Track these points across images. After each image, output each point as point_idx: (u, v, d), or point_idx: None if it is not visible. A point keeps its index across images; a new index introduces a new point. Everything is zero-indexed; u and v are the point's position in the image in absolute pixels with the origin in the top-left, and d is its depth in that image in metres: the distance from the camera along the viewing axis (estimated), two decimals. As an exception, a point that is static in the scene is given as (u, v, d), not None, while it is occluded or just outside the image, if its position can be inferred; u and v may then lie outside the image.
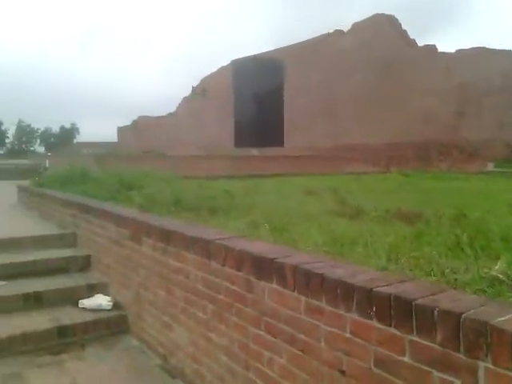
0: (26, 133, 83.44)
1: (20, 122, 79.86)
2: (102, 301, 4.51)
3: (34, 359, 3.77)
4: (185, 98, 52.94)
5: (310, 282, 2.19)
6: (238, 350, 2.72)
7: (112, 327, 4.26)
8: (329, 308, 2.10)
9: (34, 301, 4.44)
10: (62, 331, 4.04)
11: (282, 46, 39.18)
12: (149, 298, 3.86)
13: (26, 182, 13.21)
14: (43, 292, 4.51)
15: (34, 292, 4.46)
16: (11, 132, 78.77)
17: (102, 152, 16.45)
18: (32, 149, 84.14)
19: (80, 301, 4.52)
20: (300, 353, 2.26)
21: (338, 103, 32.50)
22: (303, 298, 2.23)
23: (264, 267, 2.47)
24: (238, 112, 42.33)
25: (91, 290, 4.71)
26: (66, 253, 5.32)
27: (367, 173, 16.58)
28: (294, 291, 2.28)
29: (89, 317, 4.26)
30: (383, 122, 27.05)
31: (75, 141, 77.00)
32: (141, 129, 55.93)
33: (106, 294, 4.69)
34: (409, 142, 24.14)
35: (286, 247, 2.79)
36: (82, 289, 4.69)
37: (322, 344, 2.14)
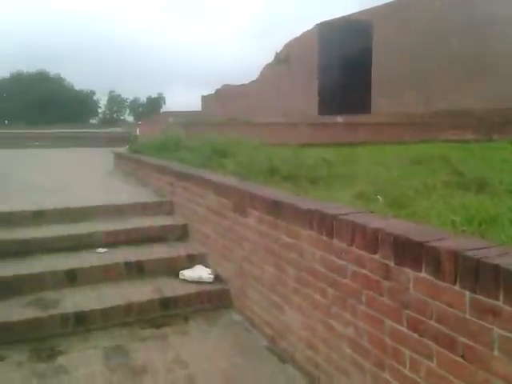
0: (116, 103, 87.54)
1: (111, 92, 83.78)
2: (202, 272, 4.34)
3: (136, 331, 3.67)
4: (267, 65, 52.38)
5: (479, 275, 1.74)
6: (368, 343, 2.34)
7: (214, 301, 4.07)
8: (508, 309, 1.64)
9: (136, 270, 4.37)
10: (165, 303, 3.92)
11: (370, 6, 37.04)
12: (254, 273, 3.60)
13: (121, 149, 13.69)
14: (145, 261, 4.42)
15: (136, 261, 4.39)
16: (103, 102, 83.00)
17: (188, 120, 16.57)
18: (122, 118, 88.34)
19: (181, 272, 4.38)
20: (460, 359, 1.83)
21: (431, 66, 30.20)
22: (467, 294, 1.78)
23: (409, 251, 2.05)
24: (323, 78, 40.99)
25: (191, 260, 4.56)
26: (165, 221, 5.23)
27: (468, 141, 15.23)
28: (454, 284, 1.84)
29: (191, 289, 4.10)
30: (484, 87, 24.72)
31: (161, 110, 79.58)
32: (224, 97, 56.31)
33: (205, 265, 4.52)
34: (513, 108, 21.89)
35: (431, 227, 2.32)
36: (182, 259, 4.55)
37: (496, 353, 1.69)
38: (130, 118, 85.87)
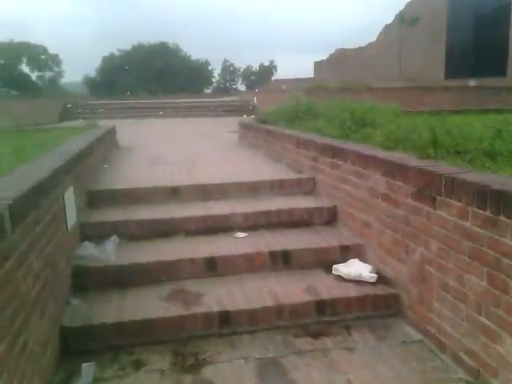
0: (229, 72, 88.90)
1: (225, 61, 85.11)
2: (361, 269, 3.58)
3: (290, 340, 3.04)
4: (386, 26, 48.82)
5: None
6: None
7: (380, 307, 3.30)
8: None
9: (283, 261, 3.74)
10: (321, 306, 3.23)
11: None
12: (445, 282, 2.74)
13: (245, 119, 13.31)
14: (292, 251, 3.77)
15: (282, 251, 3.75)
16: (217, 72, 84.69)
17: (307, 86, 15.64)
18: (234, 87, 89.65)
19: (334, 266, 3.66)
20: None
21: None
22: None
23: None
24: (451, 37, 37.18)
25: (344, 252, 3.82)
26: (309, 202, 4.52)
27: None
28: None
29: (350, 290, 3.37)
30: None
31: (272, 78, 79.11)
32: (337, 62, 53.99)
33: (362, 260, 3.75)
34: None
35: None
36: (334, 250, 3.82)
37: None
38: (243, 87, 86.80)
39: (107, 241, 3.86)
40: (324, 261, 3.79)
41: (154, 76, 64.98)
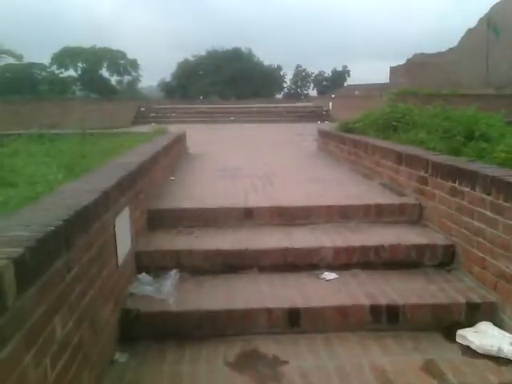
0: (301, 77, 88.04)
1: (297, 66, 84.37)
2: (500, 341, 2.59)
3: None
4: (469, 31, 45.71)
5: None
6: None
7: (536, 406, 2.31)
8: None
9: (387, 319, 2.83)
10: (450, 398, 2.30)
11: None
12: None
13: (324, 126, 12.40)
14: (400, 306, 2.85)
15: (388, 305, 2.85)
16: (288, 77, 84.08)
17: (392, 91, 14.43)
18: (306, 92, 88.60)
19: (460, 332, 2.71)
20: None
21: None
22: None
23: None
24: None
25: (472, 312, 2.84)
26: (417, 236, 3.56)
27: None
28: None
29: (488, 373, 2.39)
30: None
31: (345, 83, 77.26)
32: (415, 67, 51.38)
33: (497, 324, 2.76)
34: None
35: None
36: (457, 308, 2.86)
37: None
38: (314, 93, 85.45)
39: (166, 275, 3.16)
40: (442, 321, 2.84)
41: (227, 81, 65.59)
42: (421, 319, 2.84)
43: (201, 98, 58.12)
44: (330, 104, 20.37)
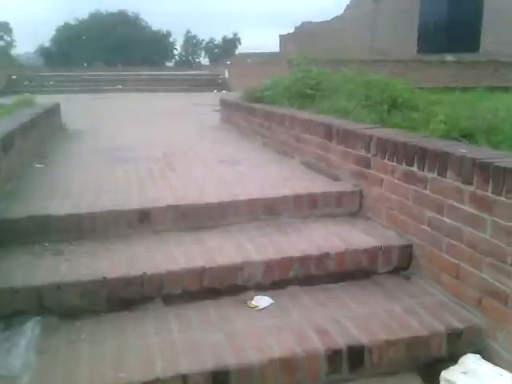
0: (192, 44, 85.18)
1: (187, 33, 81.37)
2: (496, 382, 1.93)
3: None
4: (353, 1, 46.94)
5: None
6: None
7: None
8: None
9: (349, 365, 2.04)
10: None
11: None
12: None
13: (225, 95, 11.34)
14: (366, 347, 2.06)
15: (349, 346, 2.04)
16: (179, 43, 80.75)
17: (291, 57, 13.80)
18: (197, 60, 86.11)
19: (445, 375, 2.00)
20: None
21: None
22: None
23: None
24: (425, 10, 35.86)
25: (454, 341, 2.16)
26: (364, 235, 2.80)
27: None
28: None
29: None
30: None
31: (236, 51, 76.31)
32: (303, 35, 51.92)
33: (487, 357, 2.11)
34: None
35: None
36: (436, 339, 2.15)
37: None
38: (206, 61, 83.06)
39: (20, 330, 2.06)
40: (419, 358, 2.13)
41: (113, 47, 61.16)
42: (392, 359, 2.09)
43: (85, 65, 53.45)
44: (227, 72, 19.29)
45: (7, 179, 3.12)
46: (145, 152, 4.79)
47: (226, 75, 19.18)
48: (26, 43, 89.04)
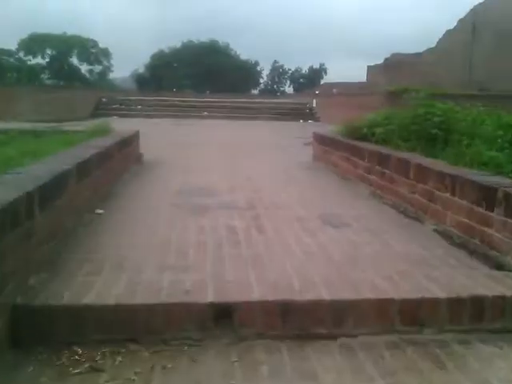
0: (278, 73, 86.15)
1: (275, 62, 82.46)
2: None
3: None
4: (448, 32, 44.47)
5: None
6: None
7: None
8: None
9: None
10: None
11: None
12: None
13: (316, 127, 10.45)
14: None
15: None
16: (265, 72, 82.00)
17: (386, 88, 12.62)
18: (282, 89, 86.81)
19: None
20: None
21: None
22: None
23: None
24: (529, 42, 32.92)
25: None
26: None
27: None
28: None
29: None
30: None
31: (322, 81, 75.85)
32: (393, 67, 50.11)
33: None
34: None
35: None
36: None
37: None
38: (290, 90, 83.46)
39: None
40: None
41: (202, 74, 63.24)
42: None
43: (174, 90, 55.52)
44: (314, 101, 18.47)
45: (47, 239, 2.34)
46: (227, 196, 3.94)
47: (314, 104, 18.35)
48: (123, 69, 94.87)
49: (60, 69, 57.76)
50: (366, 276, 2.22)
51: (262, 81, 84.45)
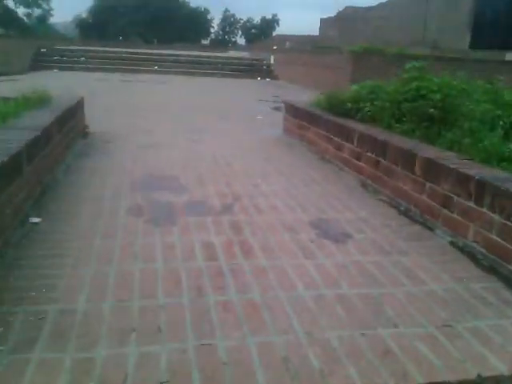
0: (229, 23, 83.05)
1: (226, 11, 79.27)
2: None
3: None
4: (402, -14, 43.78)
5: None
6: None
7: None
8: None
9: None
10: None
11: None
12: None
13: (286, 90, 9.68)
14: None
15: None
16: (216, 22, 78.65)
17: (353, 47, 11.88)
18: (233, 39, 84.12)
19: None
20: None
21: None
22: None
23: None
24: (479, 3, 32.85)
25: None
26: None
27: None
28: None
29: None
30: None
31: (274, 33, 73.99)
32: (346, 21, 49.12)
33: None
34: None
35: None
36: None
37: None
38: (242, 40, 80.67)
39: None
40: None
41: (149, 21, 59.81)
42: None
43: (120, 38, 52.23)
44: (272, 58, 17.51)
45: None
46: (196, 192, 3.26)
47: (272, 61, 17.42)
48: (64, 12, 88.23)
49: (-6, 13, 52.61)
50: (402, 340, 1.67)
51: (212, 30, 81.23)
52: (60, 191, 3.14)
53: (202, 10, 70.90)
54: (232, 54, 24.96)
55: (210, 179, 3.59)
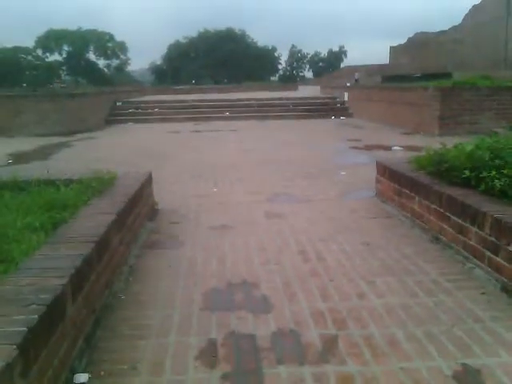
0: (296, 58, 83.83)
1: (292, 47, 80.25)
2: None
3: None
4: (474, 7, 41.31)
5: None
6: None
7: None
8: None
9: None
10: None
11: None
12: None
13: (374, 140, 8.81)
14: None
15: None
16: (284, 58, 79.79)
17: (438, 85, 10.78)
18: (301, 74, 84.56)
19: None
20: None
21: None
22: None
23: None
24: None
25: None
26: None
27: None
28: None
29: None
30: None
31: (342, 64, 73.41)
32: (417, 47, 47.37)
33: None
34: None
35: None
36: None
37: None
38: (310, 74, 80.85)
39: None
40: None
41: (220, 63, 61.75)
42: None
43: (193, 82, 54.17)
44: (346, 95, 16.73)
45: None
46: (285, 312, 2.51)
47: (345, 98, 16.65)
48: (140, 61, 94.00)
49: (77, 65, 56.98)
50: None
51: (280, 67, 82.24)
52: (117, 315, 2.52)
53: (270, 48, 72.22)
54: (303, 92, 24.41)
55: (298, 287, 2.84)
